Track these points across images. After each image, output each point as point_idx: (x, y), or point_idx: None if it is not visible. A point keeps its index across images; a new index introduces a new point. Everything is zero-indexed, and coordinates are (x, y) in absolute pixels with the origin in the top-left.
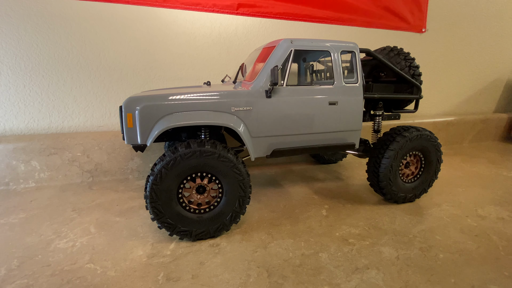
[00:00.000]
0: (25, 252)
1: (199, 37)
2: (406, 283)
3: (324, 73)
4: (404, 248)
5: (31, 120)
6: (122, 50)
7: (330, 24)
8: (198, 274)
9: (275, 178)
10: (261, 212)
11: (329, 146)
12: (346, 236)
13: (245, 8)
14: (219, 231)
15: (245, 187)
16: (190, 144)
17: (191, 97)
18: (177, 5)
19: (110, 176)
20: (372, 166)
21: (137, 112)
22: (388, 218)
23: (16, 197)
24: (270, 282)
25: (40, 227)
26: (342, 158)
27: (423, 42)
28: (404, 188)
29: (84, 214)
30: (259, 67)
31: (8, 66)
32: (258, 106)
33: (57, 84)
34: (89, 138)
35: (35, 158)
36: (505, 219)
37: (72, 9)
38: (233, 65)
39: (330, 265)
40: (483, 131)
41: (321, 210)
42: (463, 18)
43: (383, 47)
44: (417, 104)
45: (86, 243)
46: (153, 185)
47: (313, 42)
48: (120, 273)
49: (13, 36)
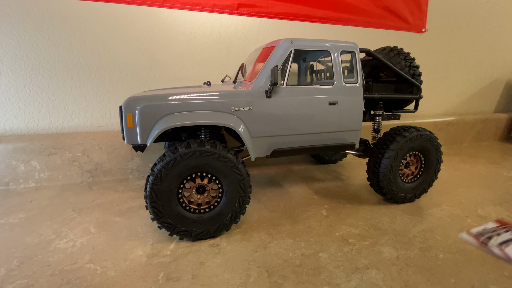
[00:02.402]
0: (25, 252)
1: (199, 37)
2: (406, 283)
3: (324, 73)
4: (404, 248)
5: (31, 120)
6: (122, 50)
7: (330, 24)
8: (198, 274)
9: (275, 178)
10: (261, 212)
11: (329, 146)
12: (346, 236)
13: (245, 8)
14: (219, 231)
15: (245, 187)
16: (190, 144)
17: (191, 97)
18: (177, 5)
19: (110, 176)
20: (372, 166)
21: (137, 112)
22: (388, 218)
23: (16, 197)
24: (270, 282)
25: (40, 227)
26: (342, 158)
27: (423, 42)
28: (404, 188)
29: (84, 214)
30: (259, 67)
31: (8, 66)
32: (258, 106)
33: (57, 84)
34: (89, 138)
35: (35, 158)
36: (505, 219)
37: (72, 9)
38: (233, 65)
39: (330, 265)
40: (483, 131)
41: (321, 210)
42: (463, 18)
43: (383, 47)
44: (417, 104)
45: (86, 243)
46: (153, 185)
47: (313, 42)
48: (120, 273)
49: (13, 36)
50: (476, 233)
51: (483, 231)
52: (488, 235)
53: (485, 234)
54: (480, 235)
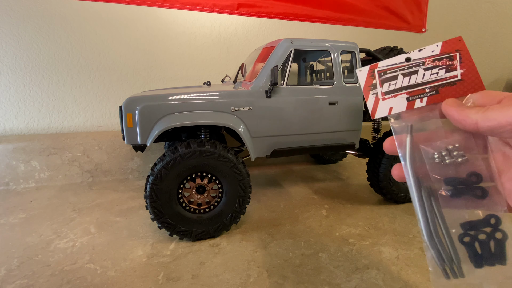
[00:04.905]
0: (25, 252)
1: (199, 37)
2: (406, 283)
3: (324, 73)
4: (404, 248)
5: (31, 120)
6: (122, 50)
7: (330, 24)
8: (198, 274)
9: (275, 178)
10: (261, 212)
11: (329, 146)
12: (346, 236)
13: (245, 8)
14: (219, 231)
15: (245, 187)
16: (190, 144)
17: (191, 97)
18: (177, 5)
19: (110, 176)
20: (372, 166)
21: (137, 112)
22: (388, 218)
23: (16, 197)
24: (270, 282)
25: (40, 227)
26: (342, 158)
27: (423, 42)
28: (404, 188)
29: (84, 214)
30: (259, 67)
31: (8, 66)
32: (258, 106)
33: (57, 84)
34: (89, 138)
35: (35, 158)
36: None
37: (72, 9)
38: (233, 65)
39: (330, 265)
40: None
41: (321, 210)
42: (463, 18)
43: (383, 47)
44: None
45: (86, 243)
46: (153, 185)
47: (313, 42)
48: (120, 273)
49: (13, 36)
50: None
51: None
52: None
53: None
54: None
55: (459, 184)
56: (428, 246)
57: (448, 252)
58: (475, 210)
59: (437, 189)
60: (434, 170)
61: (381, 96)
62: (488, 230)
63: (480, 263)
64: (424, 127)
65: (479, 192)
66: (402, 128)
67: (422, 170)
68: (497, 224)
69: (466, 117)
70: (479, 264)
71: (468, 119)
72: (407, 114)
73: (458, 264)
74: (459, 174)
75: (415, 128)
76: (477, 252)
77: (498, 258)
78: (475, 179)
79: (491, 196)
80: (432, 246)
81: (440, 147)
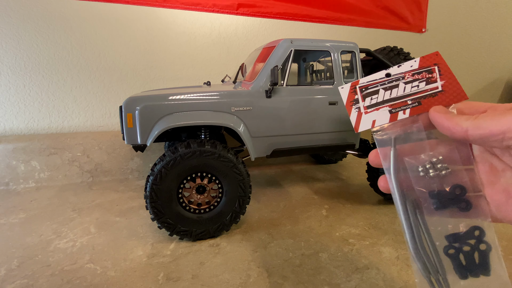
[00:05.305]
0: (25, 252)
1: (199, 37)
2: (406, 283)
3: (324, 73)
4: (404, 248)
5: (31, 120)
6: (122, 50)
7: (330, 24)
8: (198, 274)
9: (275, 178)
10: (261, 212)
11: (329, 146)
12: (346, 236)
13: (245, 8)
14: (219, 231)
15: (245, 187)
16: (190, 144)
17: (191, 97)
18: (177, 5)
19: (110, 176)
20: (372, 166)
21: (137, 112)
22: (388, 218)
23: (16, 197)
24: (270, 282)
25: (40, 227)
26: (342, 158)
27: (423, 42)
28: None
29: (84, 214)
30: (259, 67)
31: (8, 66)
32: (258, 106)
33: (57, 84)
34: (89, 138)
35: (35, 158)
36: None
37: (72, 9)
38: (233, 65)
39: (330, 265)
40: None
41: (321, 210)
42: (463, 18)
43: (383, 47)
44: None
45: (86, 243)
46: (153, 185)
47: (313, 42)
48: (120, 273)
49: (13, 36)
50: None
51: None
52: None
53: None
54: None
55: (443, 197)
56: (414, 258)
57: (434, 264)
58: (460, 223)
59: (422, 202)
60: (419, 183)
61: (363, 110)
62: (472, 242)
63: (465, 274)
64: (408, 139)
65: (463, 205)
66: (386, 141)
67: (406, 182)
68: (481, 236)
69: (456, 125)
70: (464, 275)
71: (457, 127)
72: (390, 126)
73: (444, 276)
74: (444, 186)
75: (399, 140)
76: (462, 263)
77: (482, 269)
78: (459, 192)
79: (475, 208)
80: (418, 258)
81: (424, 160)
